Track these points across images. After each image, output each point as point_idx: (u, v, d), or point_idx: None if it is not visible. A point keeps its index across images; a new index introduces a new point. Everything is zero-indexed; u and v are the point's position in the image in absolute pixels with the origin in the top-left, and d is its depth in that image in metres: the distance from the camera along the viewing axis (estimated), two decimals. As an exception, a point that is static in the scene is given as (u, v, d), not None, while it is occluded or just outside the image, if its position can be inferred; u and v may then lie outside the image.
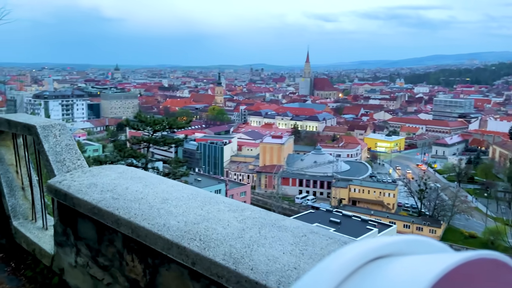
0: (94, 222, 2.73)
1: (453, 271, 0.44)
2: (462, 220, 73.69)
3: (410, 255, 0.48)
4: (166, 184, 2.83)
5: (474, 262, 0.46)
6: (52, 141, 3.55)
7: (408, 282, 0.42)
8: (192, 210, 2.32)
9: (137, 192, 2.68)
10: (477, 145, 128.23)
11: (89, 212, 2.71)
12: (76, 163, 3.51)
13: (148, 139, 22.65)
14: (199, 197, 2.49)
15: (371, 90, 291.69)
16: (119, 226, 2.45)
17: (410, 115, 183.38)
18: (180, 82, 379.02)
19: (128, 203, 2.54)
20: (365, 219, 56.35)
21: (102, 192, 2.74)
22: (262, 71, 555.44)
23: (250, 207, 2.32)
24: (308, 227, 2.00)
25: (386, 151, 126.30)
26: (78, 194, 2.82)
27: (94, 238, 2.80)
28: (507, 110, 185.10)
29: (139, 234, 2.28)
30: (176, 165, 23.63)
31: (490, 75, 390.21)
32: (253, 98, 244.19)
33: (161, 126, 22.38)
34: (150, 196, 2.59)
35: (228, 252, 1.81)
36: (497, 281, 0.48)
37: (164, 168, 26.03)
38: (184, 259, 1.94)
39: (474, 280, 0.46)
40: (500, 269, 0.49)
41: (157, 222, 2.23)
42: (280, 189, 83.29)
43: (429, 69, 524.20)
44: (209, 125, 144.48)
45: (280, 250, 1.78)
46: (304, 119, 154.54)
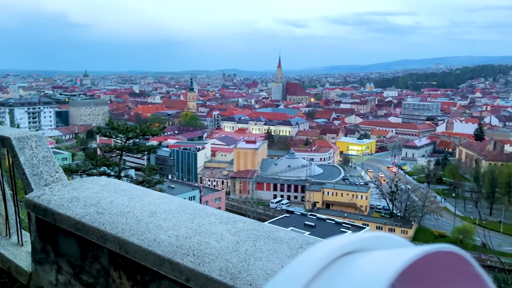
0: (77, 238, 2.62)
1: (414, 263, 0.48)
2: (432, 220, 75.69)
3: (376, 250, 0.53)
4: (152, 196, 2.74)
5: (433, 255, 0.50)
6: (28, 153, 3.40)
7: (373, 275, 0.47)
8: (182, 223, 2.22)
9: (122, 205, 2.57)
10: (444, 146, 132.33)
11: (72, 228, 2.59)
12: (54, 176, 3.38)
13: (121, 146, 22.16)
14: (188, 210, 2.40)
15: (342, 95, 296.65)
16: (106, 242, 2.33)
17: (380, 118, 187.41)
18: (152, 88, 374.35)
19: (114, 217, 2.43)
20: (339, 221, 57.08)
21: (86, 207, 2.63)
22: (235, 77, 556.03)
23: (242, 218, 2.23)
24: (303, 238, 1.95)
25: (358, 154, 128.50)
26: (60, 209, 2.69)
27: (77, 255, 2.68)
28: (472, 113, 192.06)
29: (128, 250, 2.17)
30: (150, 173, 23.19)
31: (455, 79, 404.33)
32: (226, 103, 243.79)
33: (134, 133, 21.94)
34: (137, 210, 2.49)
35: (224, 267, 1.73)
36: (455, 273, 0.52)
37: (138, 176, 25.58)
38: (177, 275, 1.85)
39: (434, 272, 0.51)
40: (457, 261, 0.52)
41: (147, 237, 2.13)
42: (255, 194, 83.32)
43: (398, 73, 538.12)
44: (182, 131, 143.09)
45: (277, 263, 1.71)
46: (277, 123, 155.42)
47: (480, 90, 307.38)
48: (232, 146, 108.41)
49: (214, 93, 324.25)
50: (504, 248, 65.28)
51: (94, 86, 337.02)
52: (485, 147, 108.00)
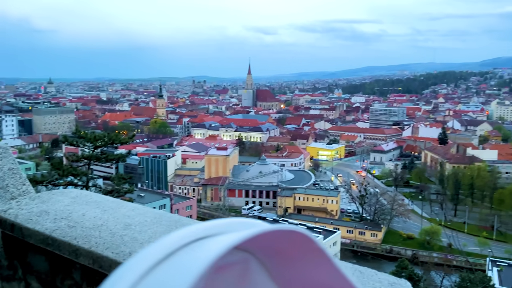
0: (47, 254, 2.52)
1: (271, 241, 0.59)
2: (401, 222, 77.48)
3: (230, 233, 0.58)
4: (126, 208, 2.67)
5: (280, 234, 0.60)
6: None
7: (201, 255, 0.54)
8: (158, 235, 2.16)
9: (95, 218, 2.49)
10: (410, 150, 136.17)
11: (42, 243, 2.49)
12: (21, 188, 3.24)
13: (89, 155, 21.56)
14: (163, 221, 2.34)
15: (311, 101, 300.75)
16: (78, 257, 2.24)
17: (348, 124, 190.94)
18: (119, 95, 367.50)
19: (87, 231, 2.35)
20: (310, 226, 57.46)
21: (56, 220, 2.53)
22: (205, 83, 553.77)
23: None
24: None
25: (328, 159, 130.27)
26: (28, 224, 2.58)
27: (47, 271, 2.57)
28: (436, 117, 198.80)
29: (102, 264, 2.10)
30: (120, 182, 22.62)
31: (419, 85, 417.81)
32: (196, 110, 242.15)
33: (103, 142, 21.42)
34: (110, 222, 2.41)
35: None
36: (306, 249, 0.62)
37: (106, 186, 24.89)
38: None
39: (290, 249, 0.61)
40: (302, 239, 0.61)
41: (122, 250, 2.07)
42: (227, 201, 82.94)
43: (365, 79, 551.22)
44: (151, 139, 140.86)
45: None
46: (248, 130, 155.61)
47: (443, 96, 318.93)
48: (203, 153, 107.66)
49: (184, 100, 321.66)
50: (469, 248, 67.59)
51: (59, 94, 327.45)
52: (448, 151, 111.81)
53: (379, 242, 71.80)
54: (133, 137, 29.41)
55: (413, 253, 67.02)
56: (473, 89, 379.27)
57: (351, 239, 72.13)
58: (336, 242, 55.44)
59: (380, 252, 69.85)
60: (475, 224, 78.04)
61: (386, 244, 71.76)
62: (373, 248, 70.57)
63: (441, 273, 47.47)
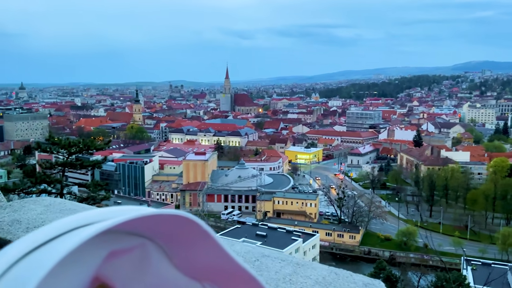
0: (19, 264, 2.42)
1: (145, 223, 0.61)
2: (378, 224, 78.61)
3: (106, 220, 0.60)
4: None
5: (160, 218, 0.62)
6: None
7: None
8: None
9: (70, 226, 2.42)
10: (386, 153, 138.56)
11: (14, 254, 2.39)
12: (-9, 197, 3.12)
13: (63, 162, 20.99)
14: None
15: (289, 105, 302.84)
16: (52, 266, 2.18)
17: (326, 127, 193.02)
18: (95, 100, 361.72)
19: (61, 240, 2.28)
20: (289, 230, 57.66)
21: (29, 230, 2.44)
22: (182, 88, 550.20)
23: None
24: (259, 251, 1.94)
25: (306, 163, 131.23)
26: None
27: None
28: (410, 120, 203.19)
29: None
30: (95, 189, 22.08)
31: (394, 88, 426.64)
32: (174, 115, 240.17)
33: (77, 148, 20.90)
34: None
35: None
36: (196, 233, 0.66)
37: (82, 193, 24.31)
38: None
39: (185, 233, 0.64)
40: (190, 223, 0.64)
41: None
42: (206, 206, 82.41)
43: (341, 83, 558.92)
44: (128, 144, 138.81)
45: None
46: (226, 134, 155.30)
47: (417, 99, 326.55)
48: (181, 158, 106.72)
49: (161, 104, 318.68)
50: (444, 248, 69.10)
51: (31, 99, 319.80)
52: (423, 153, 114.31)
53: (357, 244, 72.63)
54: (108, 143, 28.81)
55: (391, 254, 68.07)
56: (446, 92, 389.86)
57: (330, 241, 72.73)
58: (315, 245, 55.75)
59: (359, 254, 70.68)
60: (449, 224, 79.93)
61: (364, 245, 72.66)
62: (352, 250, 71.34)
63: (418, 273, 48.33)
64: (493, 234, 72.79)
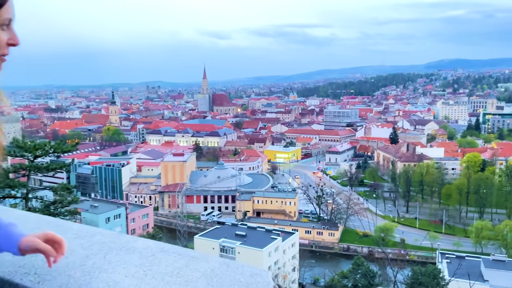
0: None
1: None
2: (356, 221, 79.57)
3: None
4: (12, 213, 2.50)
5: None
6: None
7: None
8: None
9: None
10: (364, 150, 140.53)
11: None
12: None
13: (27, 166, 20.26)
14: (44, 226, 2.18)
15: (267, 104, 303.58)
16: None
17: (304, 126, 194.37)
18: (70, 102, 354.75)
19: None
20: (269, 229, 57.75)
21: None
22: (159, 89, 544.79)
23: (101, 231, 2.17)
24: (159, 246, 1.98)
25: (285, 162, 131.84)
26: None
27: None
28: (386, 118, 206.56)
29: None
30: (63, 192, 21.36)
31: (370, 87, 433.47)
32: (151, 116, 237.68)
33: (43, 151, 20.23)
34: None
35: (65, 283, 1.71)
36: None
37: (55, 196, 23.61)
38: None
39: None
40: None
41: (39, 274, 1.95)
42: (185, 208, 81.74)
43: (318, 83, 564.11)
44: (104, 147, 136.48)
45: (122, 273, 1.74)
46: (205, 135, 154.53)
47: (393, 97, 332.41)
48: (159, 160, 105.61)
49: (138, 106, 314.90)
50: (422, 242, 70.55)
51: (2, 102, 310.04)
52: (399, 149, 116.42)
53: (336, 241, 73.40)
54: (76, 145, 27.98)
55: (369, 250, 69.04)
56: (420, 90, 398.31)
57: (309, 239, 73.24)
58: (294, 243, 56.00)
59: (338, 250, 71.43)
60: (425, 219, 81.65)
61: (343, 242, 73.51)
62: (331, 247, 72.04)
63: (395, 268, 49.18)
64: (467, 228, 74.76)
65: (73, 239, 2.06)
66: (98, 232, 2.15)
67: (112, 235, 2.12)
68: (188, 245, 61.67)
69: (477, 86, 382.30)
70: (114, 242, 2.04)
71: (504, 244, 63.57)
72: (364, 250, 69.18)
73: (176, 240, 68.56)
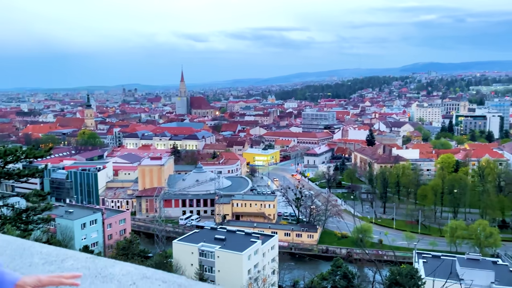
0: None
1: None
2: (335, 222, 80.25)
3: None
4: None
5: None
6: None
7: None
8: None
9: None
10: (341, 152, 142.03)
11: None
12: None
13: (-4, 172, 19.35)
14: (8, 249, 1.97)
15: (246, 107, 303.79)
16: None
17: (282, 129, 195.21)
18: (43, 106, 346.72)
19: None
20: (248, 232, 57.54)
21: None
22: (136, 91, 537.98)
23: (73, 255, 1.92)
24: (140, 272, 1.76)
25: (264, 164, 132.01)
26: None
27: None
28: (363, 120, 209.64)
29: None
30: (36, 199, 20.39)
31: (347, 90, 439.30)
32: (128, 119, 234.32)
33: (15, 157, 19.40)
34: None
35: None
36: None
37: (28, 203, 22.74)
38: None
39: None
40: None
41: None
42: (163, 212, 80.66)
43: (296, 85, 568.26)
44: (79, 151, 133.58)
45: None
46: (183, 138, 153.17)
47: (369, 100, 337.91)
48: (136, 164, 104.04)
49: (114, 109, 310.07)
50: (398, 243, 71.72)
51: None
52: (376, 151, 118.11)
53: (315, 243, 73.79)
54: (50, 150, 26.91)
55: (348, 251, 69.67)
56: (396, 92, 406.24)
57: (288, 241, 73.39)
58: (274, 246, 55.96)
59: (317, 252, 71.80)
60: (402, 220, 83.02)
61: (322, 244, 73.96)
62: (310, 249, 72.36)
63: (373, 268, 49.75)
64: (442, 227, 76.38)
65: (41, 265, 1.86)
66: (69, 256, 1.92)
67: (86, 259, 1.89)
68: (167, 250, 60.88)
69: (450, 88, 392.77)
70: (89, 269, 1.80)
71: (477, 243, 65.22)
72: (343, 252, 69.77)
73: (154, 245, 67.60)
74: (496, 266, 45.30)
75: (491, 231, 65.68)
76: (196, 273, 48.10)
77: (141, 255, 52.57)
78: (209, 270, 50.46)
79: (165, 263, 49.46)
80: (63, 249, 1.95)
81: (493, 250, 66.41)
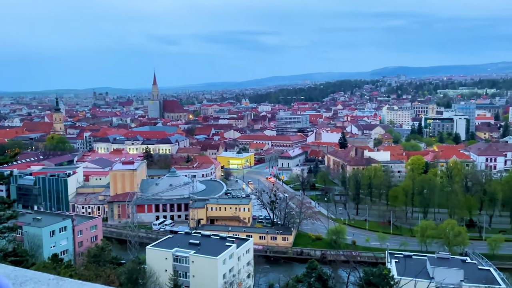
0: None
1: None
2: (309, 224, 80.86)
3: None
4: None
5: None
6: None
7: None
8: None
9: None
10: (314, 155, 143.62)
11: None
12: None
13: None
14: None
15: (219, 110, 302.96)
16: None
17: (256, 132, 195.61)
18: (9, 110, 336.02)
19: None
20: (223, 236, 57.19)
21: None
22: (107, 95, 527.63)
23: (34, 276, 1.64)
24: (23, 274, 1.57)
25: (238, 168, 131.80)
26: None
27: None
28: (336, 123, 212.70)
29: None
30: (1, 207, 19.42)
31: (320, 93, 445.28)
32: (99, 123, 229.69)
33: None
34: None
35: None
36: None
37: None
38: None
39: None
40: None
41: None
42: (136, 218, 79.10)
43: (270, 89, 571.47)
44: (48, 156, 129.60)
45: None
46: (156, 142, 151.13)
47: (341, 103, 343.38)
48: (108, 169, 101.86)
49: (84, 113, 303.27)
50: (371, 243, 72.87)
51: None
52: (348, 154, 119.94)
53: (290, 246, 74.09)
54: (16, 156, 25.82)
55: (322, 253, 70.28)
56: (367, 96, 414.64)
57: (263, 245, 73.40)
58: (249, 249, 55.80)
59: (292, 255, 72.10)
60: (374, 221, 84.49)
61: (296, 246, 74.32)
62: (285, 252, 72.59)
63: (347, 270, 50.33)
64: (412, 227, 78.13)
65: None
66: (30, 278, 1.64)
67: (49, 281, 1.62)
68: (140, 256, 59.72)
69: (419, 92, 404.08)
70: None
71: (446, 242, 67.02)
72: (317, 253, 70.29)
73: (127, 252, 66.18)
74: (465, 265, 46.68)
75: (459, 230, 67.65)
76: (170, 279, 47.36)
77: (114, 262, 51.30)
78: (183, 275, 49.79)
79: (139, 270, 48.49)
80: (23, 270, 1.70)
81: (461, 248, 68.39)
